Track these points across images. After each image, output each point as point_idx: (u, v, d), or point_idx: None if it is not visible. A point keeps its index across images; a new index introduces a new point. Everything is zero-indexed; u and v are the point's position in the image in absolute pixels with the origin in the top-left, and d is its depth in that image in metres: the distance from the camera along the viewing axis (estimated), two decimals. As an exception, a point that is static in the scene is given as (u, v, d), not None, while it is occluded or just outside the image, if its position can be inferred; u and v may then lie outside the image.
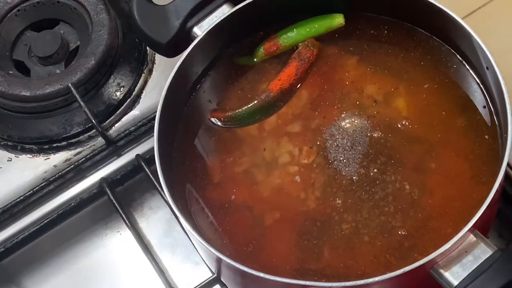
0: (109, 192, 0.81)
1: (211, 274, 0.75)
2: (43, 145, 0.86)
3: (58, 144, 0.86)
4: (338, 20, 0.74)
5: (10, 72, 0.88)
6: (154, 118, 0.69)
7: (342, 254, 0.66)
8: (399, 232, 0.66)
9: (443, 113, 0.70)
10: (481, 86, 0.70)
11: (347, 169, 0.69)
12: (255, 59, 0.75)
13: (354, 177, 0.68)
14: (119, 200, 0.81)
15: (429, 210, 0.66)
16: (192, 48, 0.72)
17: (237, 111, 0.73)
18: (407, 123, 0.70)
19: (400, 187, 0.67)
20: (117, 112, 0.87)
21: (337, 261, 0.66)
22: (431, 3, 0.69)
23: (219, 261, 0.65)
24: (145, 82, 0.89)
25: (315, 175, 0.69)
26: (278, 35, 0.75)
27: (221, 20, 0.73)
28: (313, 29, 0.75)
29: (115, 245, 0.82)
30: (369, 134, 0.70)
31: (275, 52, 0.75)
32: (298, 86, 0.73)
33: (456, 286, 0.59)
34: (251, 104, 0.73)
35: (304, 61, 0.73)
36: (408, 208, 0.66)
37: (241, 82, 0.75)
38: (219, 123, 0.73)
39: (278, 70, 0.74)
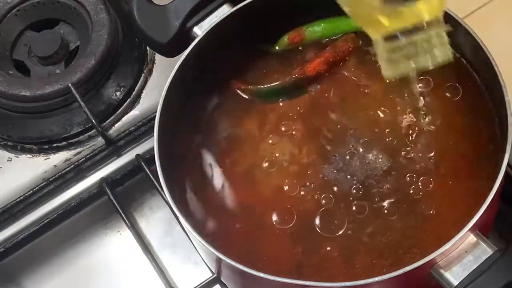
0: (109, 192, 0.81)
1: (211, 274, 0.75)
2: (43, 145, 0.86)
3: (58, 144, 0.86)
4: None
5: (10, 72, 0.88)
6: (154, 118, 0.69)
7: (342, 254, 0.66)
8: (399, 232, 0.66)
9: (443, 113, 0.70)
10: (481, 85, 0.70)
11: (348, 169, 0.69)
12: (277, 47, 0.75)
13: (355, 177, 0.68)
14: (119, 200, 0.81)
15: (430, 210, 0.66)
16: (192, 48, 0.72)
17: (259, 87, 0.73)
18: (407, 123, 0.70)
19: (402, 187, 0.67)
20: (117, 112, 0.87)
21: (337, 260, 0.66)
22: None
23: (219, 261, 0.65)
24: (145, 82, 0.89)
25: (315, 175, 0.69)
26: (305, 27, 0.75)
27: (221, 20, 0.73)
28: (341, 27, 0.74)
29: (115, 245, 0.82)
30: (370, 134, 0.70)
31: (299, 44, 0.75)
32: (321, 78, 0.73)
33: (456, 286, 0.59)
34: (274, 84, 0.73)
35: (338, 54, 0.73)
36: (408, 208, 0.66)
37: (252, 73, 0.75)
38: (240, 93, 0.74)
39: (291, 61, 0.74)
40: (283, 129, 0.72)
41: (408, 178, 0.68)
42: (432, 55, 0.61)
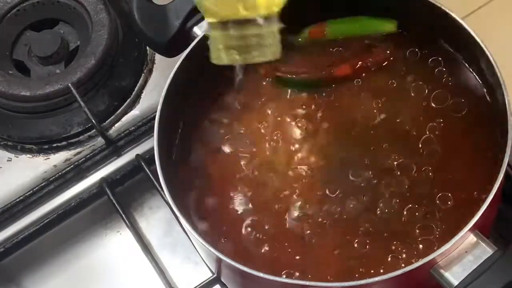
0: (109, 192, 0.81)
1: (211, 274, 0.75)
2: (43, 145, 0.86)
3: (58, 144, 0.86)
4: (390, 25, 0.73)
5: (10, 72, 0.88)
6: (154, 118, 0.69)
7: (342, 254, 0.66)
8: (400, 232, 0.66)
9: (443, 112, 0.70)
10: (481, 85, 0.70)
11: (349, 170, 0.69)
12: (299, 39, 0.75)
13: (356, 178, 0.68)
14: (119, 200, 0.81)
15: (430, 210, 0.66)
16: (192, 48, 0.72)
17: (288, 76, 0.73)
18: (408, 124, 0.70)
19: (401, 186, 0.67)
20: (117, 112, 0.87)
21: (337, 260, 0.66)
22: (431, 3, 0.69)
23: (219, 261, 0.65)
24: (145, 82, 0.89)
25: (316, 175, 0.69)
26: (327, 24, 0.74)
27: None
28: (363, 28, 0.73)
29: (115, 245, 0.82)
30: (372, 132, 0.70)
31: (318, 38, 0.74)
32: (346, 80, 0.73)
33: (456, 286, 0.59)
34: (302, 77, 0.73)
35: (371, 62, 0.72)
36: (408, 208, 0.66)
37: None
38: (262, 74, 0.73)
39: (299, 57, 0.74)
40: (284, 128, 0.72)
41: (409, 178, 0.68)
42: (261, 52, 0.61)
